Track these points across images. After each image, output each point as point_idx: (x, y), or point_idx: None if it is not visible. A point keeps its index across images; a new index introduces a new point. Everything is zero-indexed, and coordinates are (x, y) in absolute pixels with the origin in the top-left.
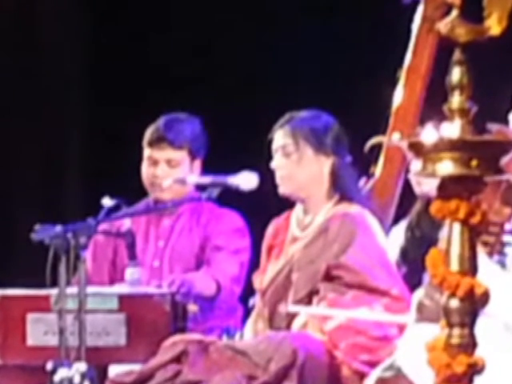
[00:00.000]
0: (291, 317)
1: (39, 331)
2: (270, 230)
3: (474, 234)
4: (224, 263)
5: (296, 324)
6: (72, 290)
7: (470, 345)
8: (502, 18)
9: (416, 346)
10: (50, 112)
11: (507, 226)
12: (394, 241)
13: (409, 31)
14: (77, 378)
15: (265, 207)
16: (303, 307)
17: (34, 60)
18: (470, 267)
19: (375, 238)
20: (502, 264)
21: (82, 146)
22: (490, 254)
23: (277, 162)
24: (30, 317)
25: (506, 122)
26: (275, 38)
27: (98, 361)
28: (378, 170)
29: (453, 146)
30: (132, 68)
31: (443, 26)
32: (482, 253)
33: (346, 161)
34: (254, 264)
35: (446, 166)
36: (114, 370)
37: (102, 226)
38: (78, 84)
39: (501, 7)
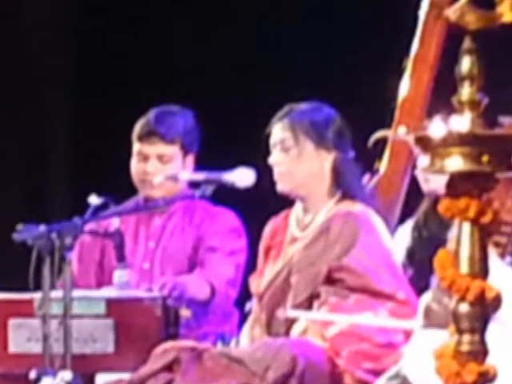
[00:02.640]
0: (290, 322)
1: (22, 337)
2: (268, 229)
3: (484, 234)
4: (219, 265)
5: (295, 330)
6: (57, 293)
7: (480, 352)
8: None
9: (423, 353)
10: (33, 105)
11: None
12: (399, 241)
13: (415, 18)
14: None
15: (262, 206)
16: (303, 312)
17: (16, 51)
18: (481, 269)
19: (380, 239)
20: None
21: (68, 141)
22: (502, 256)
23: (275, 158)
24: (12, 322)
25: None
26: (274, 26)
27: (85, 369)
28: (382, 165)
29: (462, 140)
30: (120, 58)
31: (452, 12)
32: (493, 254)
33: (348, 156)
34: (251, 266)
35: (455, 162)
36: (102, 379)
37: (89, 226)
38: (63, 76)
39: None
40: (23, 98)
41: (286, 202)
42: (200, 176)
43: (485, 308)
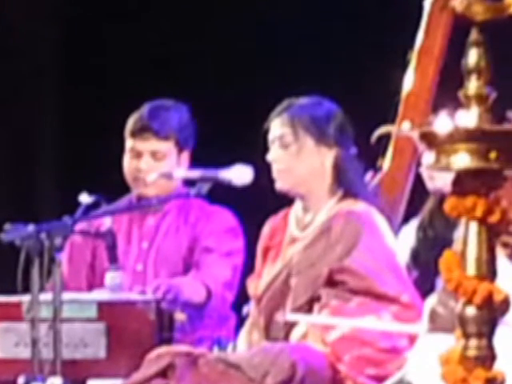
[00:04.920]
0: (289, 326)
1: (9, 342)
2: (266, 229)
3: (492, 234)
4: (215, 267)
5: (295, 334)
6: (46, 296)
7: (488, 357)
8: None
9: (428, 358)
10: (20, 99)
11: None
12: (403, 242)
13: (420, 8)
14: None
15: (260, 204)
16: (303, 316)
17: (3, 42)
18: (489, 271)
19: (383, 239)
20: None
21: (57, 136)
22: (511, 257)
23: (274, 154)
24: (0, 326)
25: None
26: (273, 16)
27: (75, 375)
28: (386, 162)
29: (469, 136)
30: (112, 49)
31: (459, 2)
32: (501, 255)
33: (350, 153)
34: (249, 268)
35: (462, 159)
36: None
37: (80, 226)
38: (51, 68)
39: None
40: (10, 91)
41: (285, 201)
42: (195, 173)
43: (492, 311)
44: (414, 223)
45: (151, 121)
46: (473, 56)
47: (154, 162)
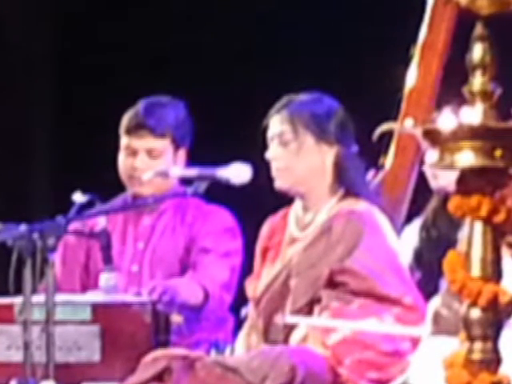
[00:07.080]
0: (289, 329)
1: (1, 345)
2: (265, 229)
3: (497, 234)
4: (212, 268)
5: (295, 337)
6: (39, 298)
7: (493, 361)
8: None
9: (432, 362)
10: (13, 96)
11: None
12: (406, 242)
13: (424, 2)
14: None
15: (259, 204)
16: (303, 318)
17: None
18: (494, 272)
19: (385, 239)
20: None
21: (50, 134)
22: None
23: (273, 152)
24: None
25: None
26: (272, 11)
27: (69, 379)
28: (388, 161)
29: (474, 133)
30: (106, 44)
31: None
32: (507, 256)
33: (351, 151)
34: (247, 269)
35: (466, 157)
36: None
37: (73, 226)
38: (45, 64)
39: None
40: (2, 89)
41: (285, 200)
42: (192, 172)
43: (498, 313)
44: (417, 223)
45: (147, 118)
46: (477, 51)
47: (150, 160)
